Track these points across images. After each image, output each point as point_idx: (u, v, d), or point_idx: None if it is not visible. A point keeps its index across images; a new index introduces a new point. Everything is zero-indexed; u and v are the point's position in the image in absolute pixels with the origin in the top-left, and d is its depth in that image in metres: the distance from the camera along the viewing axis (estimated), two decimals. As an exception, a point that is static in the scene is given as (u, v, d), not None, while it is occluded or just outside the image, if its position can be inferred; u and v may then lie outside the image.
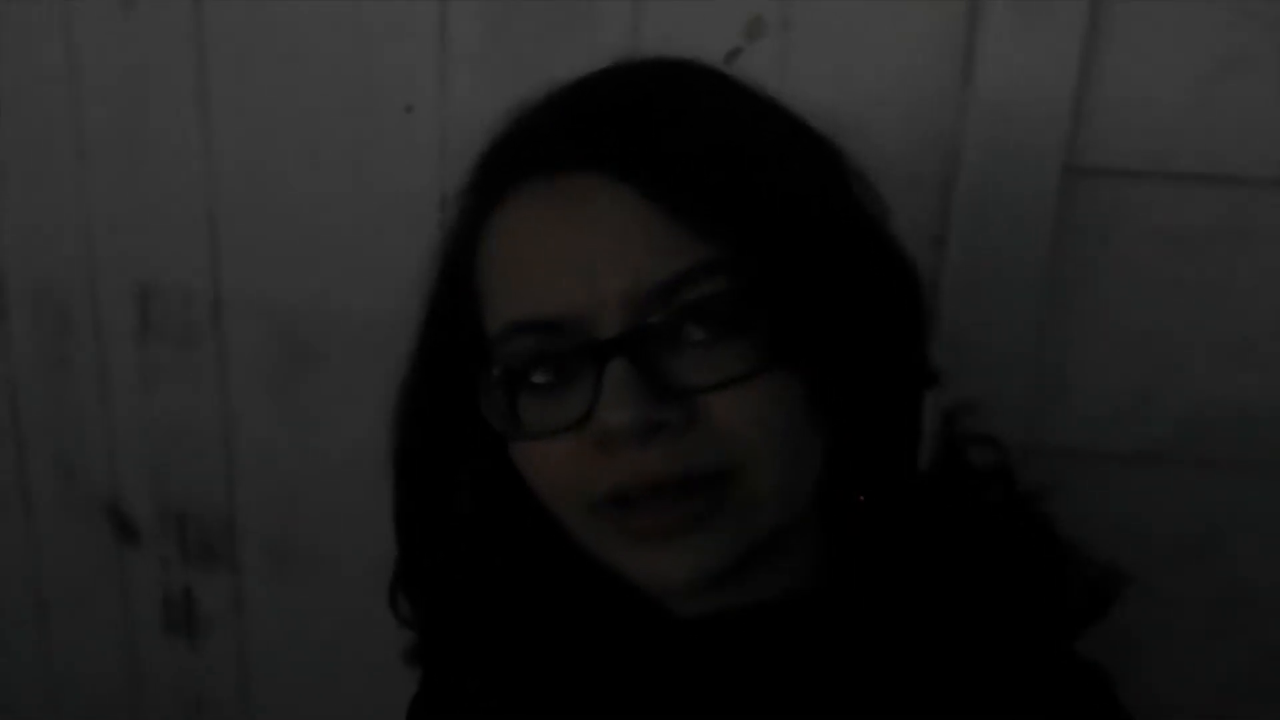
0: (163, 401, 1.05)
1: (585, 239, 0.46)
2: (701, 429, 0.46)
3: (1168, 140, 0.79)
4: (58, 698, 1.21)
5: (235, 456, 1.06)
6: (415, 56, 0.89)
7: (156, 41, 0.94)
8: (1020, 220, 0.80)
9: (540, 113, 0.51)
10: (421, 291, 0.56)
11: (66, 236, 1.02)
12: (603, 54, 0.54)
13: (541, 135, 0.50)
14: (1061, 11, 0.76)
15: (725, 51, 0.83)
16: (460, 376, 0.52)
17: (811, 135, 0.53)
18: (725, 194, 0.46)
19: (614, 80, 0.51)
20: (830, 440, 0.50)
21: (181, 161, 0.97)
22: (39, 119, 0.99)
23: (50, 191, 1.00)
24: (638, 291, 0.45)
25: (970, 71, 0.79)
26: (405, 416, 0.57)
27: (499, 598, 0.58)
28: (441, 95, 0.89)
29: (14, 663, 1.21)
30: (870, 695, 0.50)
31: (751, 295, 0.46)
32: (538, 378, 0.48)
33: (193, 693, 1.17)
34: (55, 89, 0.97)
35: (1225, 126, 0.78)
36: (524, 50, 0.86)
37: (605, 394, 0.45)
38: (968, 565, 0.52)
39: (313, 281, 0.98)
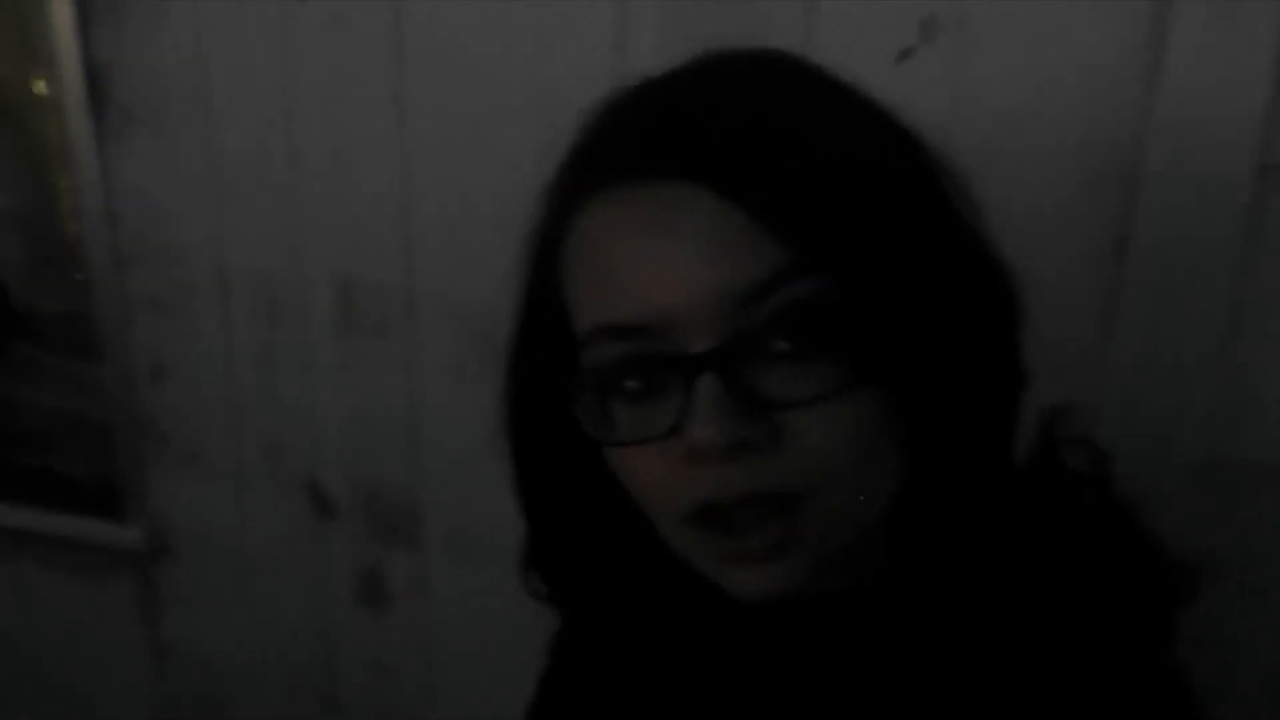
0: (359, 388, 1.13)
1: (670, 245, 0.46)
2: (786, 445, 0.46)
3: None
4: (260, 659, 1.32)
5: (422, 443, 1.13)
6: (594, 62, 0.92)
7: (359, 53, 1.01)
8: (1209, 222, 0.77)
9: (625, 114, 0.51)
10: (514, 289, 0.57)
11: (278, 235, 1.11)
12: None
13: (625, 140, 0.50)
14: (1254, 5, 0.72)
15: (900, 47, 0.82)
16: (552, 377, 0.52)
17: (901, 134, 0.51)
18: (809, 198, 0.45)
19: (699, 79, 0.50)
20: (912, 448, 0.49)
21: (380, 164, 1.04)
22: (257, 126, 1.08)
23: (266, 193, 1.10)
24: (724, 298, 0.45)
25: (1157, 69, 0.76)
26: (508, 417, 0.58)
27: (603, 578, 0.60)
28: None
29: (221, 626, 1.33)
30: (935, 687, 0.50)
31: (837, 303, 0.45)
32: (628, 385, 0.48)
33: (381, 661, 1.25)
34: (271, 99, 1.06)
35: None
36: (699, 48, 0.88)
37: (695, 409, 0.45)
38: (1048, 564, 0.51)
39: (498, 280, 1.02)
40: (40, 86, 1.15)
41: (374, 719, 1.28)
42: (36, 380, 1.28)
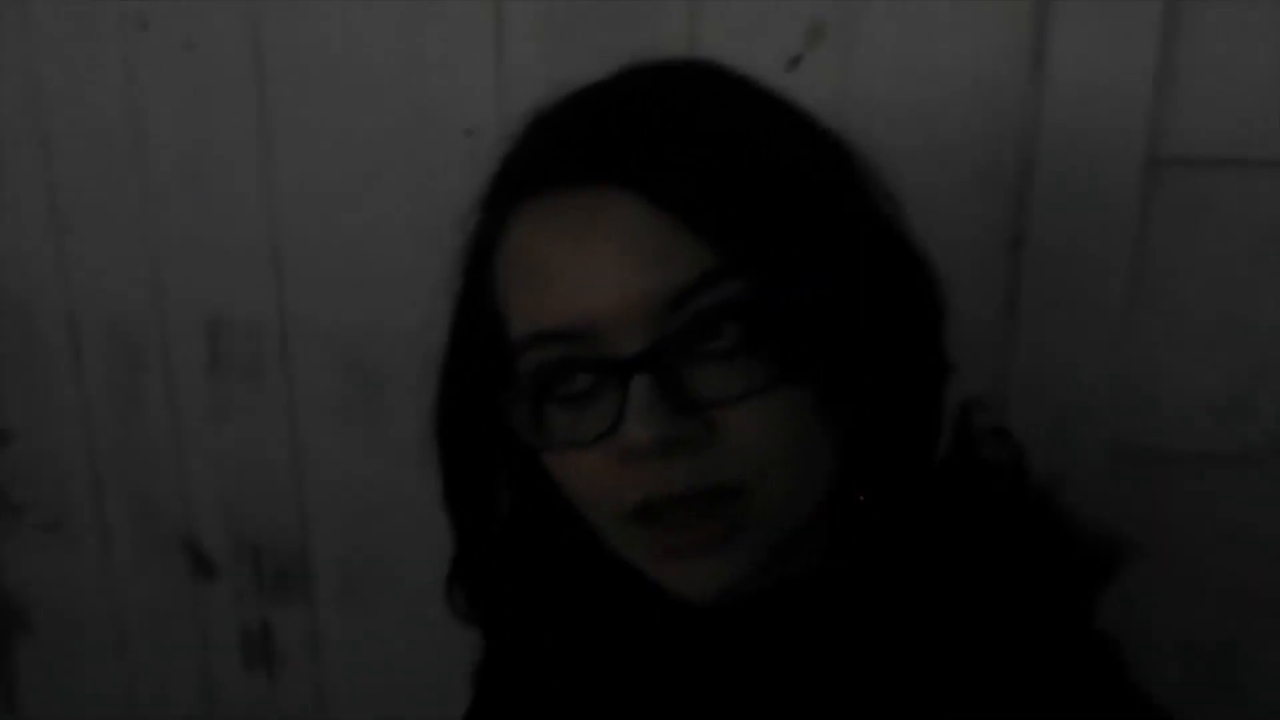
0: (234, 434, 1.06)
1: (598, 251, 0.47)
2: (720, 442, 0.47)
3: (1256, 126, 0.75)
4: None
5: (307, 486, 1.06)
6: (473, 80, 0.89)
7: (217, 79, 0.95)
8: (1102, 216, 0.78)
9: (552, 123, 0.52)
10: (445, 306, 0.57)
11: (135, 274, 1.03)
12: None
13: (552, 149, 0.51)
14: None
15: (787, 55, 0.82)
16: (486, 386, 0.53)
17: (822, 135, 0.53)
18: (735, 202, 0.46)
19: (622, 88, 0.52)
20: (843, 439, 0.50)
21: (245, 195, 0.98)
22: (104, 159, 1.00)
23: (118, 230, 1.02)
24: (653, 302, 0.46)
25: (1042, 64, 0.77)
26: (441, 426, 0.58)
27: (538, 588, 0.61)
28: (500, 117, 0.88)
29: (95, 699, 1.22)
30: (881, 670, 0.51)
31: (763, 302, 0.46)
32: (562, 390, 0.50)
33: (272, 725, 1.17)
34: (120, 130, 0.99)
35: (1318, 109, 0.74)
36: (580, 67, 0.85)
37: (629, 411, 0.46)
38: (974, 547, 0.53)
39: (376, 308, 0.98)
40: None
41: (270, 786, 1.21)
42: None
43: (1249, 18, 0.74)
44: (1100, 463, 0.83)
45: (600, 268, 0.46)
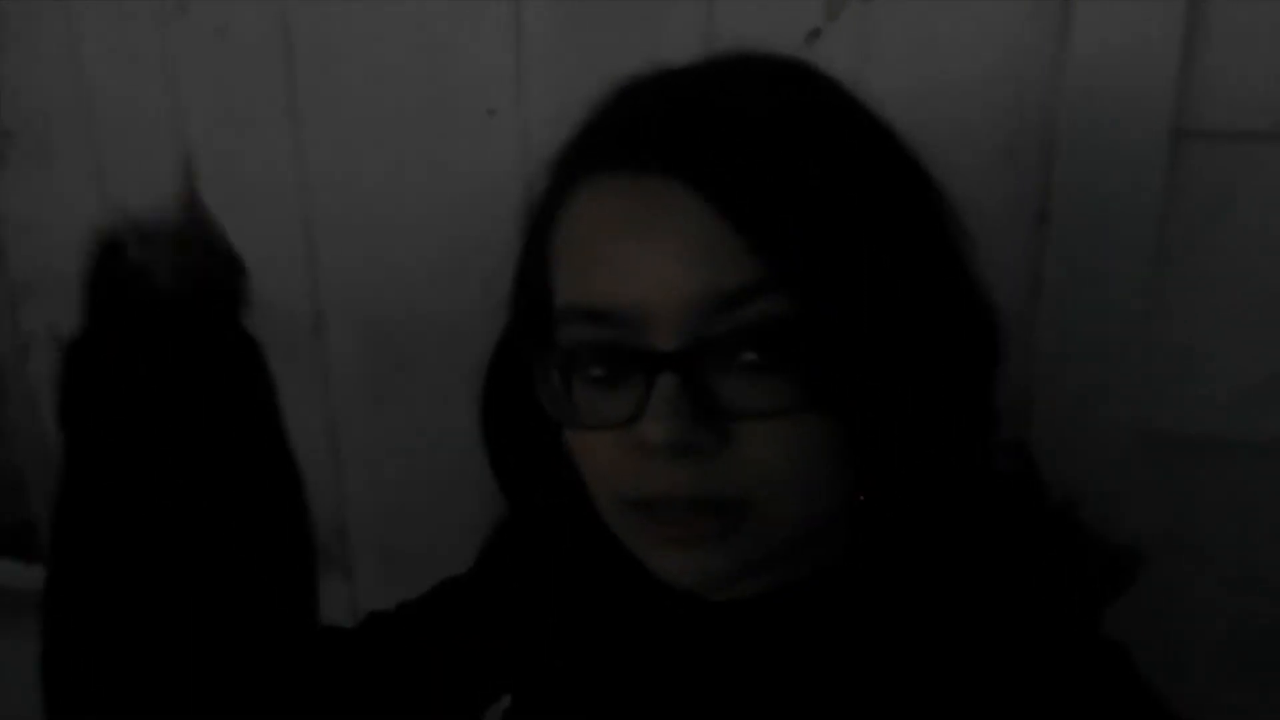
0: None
1: (651, 242, 0.46)
2: (732, 454, 0.46)
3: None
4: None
5: (343, 466, 1.08)
6: (493, 61, 0.89)
7: (248, 64, 0.97)
8: (1127, 192, 0.75)
9: (630, 103, 0.51)
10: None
11: (176, 258, 1.05)
12: (677, 45, 0.53)
13: (627, 131, 0.50)
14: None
15: (807, 26, 0.80)
16: (528, 351, 0.53)
17: (909, 166, 0.51)
18: (793, 218, 0.45)
19: (711, 80, 0.51)
20: (863, 468, 0.49)
21: (278, 178, 0.99)
22: (143, 142, 1.03)
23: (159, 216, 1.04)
24: (695, 303, 0.46)
25: (1067, 36, 0.75)
26: (489, 381, 0.59)
27: (556, 571, 0.63)
28: (520, 97, 0.89)
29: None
30: (885, 677, 0.51)
31: (809, 325, 0.45)
32: (593, 370, 0.49)
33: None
34: (158, 114, 1.01)
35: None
36: (599, 45, 0.86)
37: (651, 406, 0.46)
38: (987, 558, 0.52)
39: (406, 289, 0.99)
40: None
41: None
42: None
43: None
44: (1125, 447, 0.81)
45: (652, 259, 0.46)
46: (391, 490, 1.08)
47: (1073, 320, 0.79)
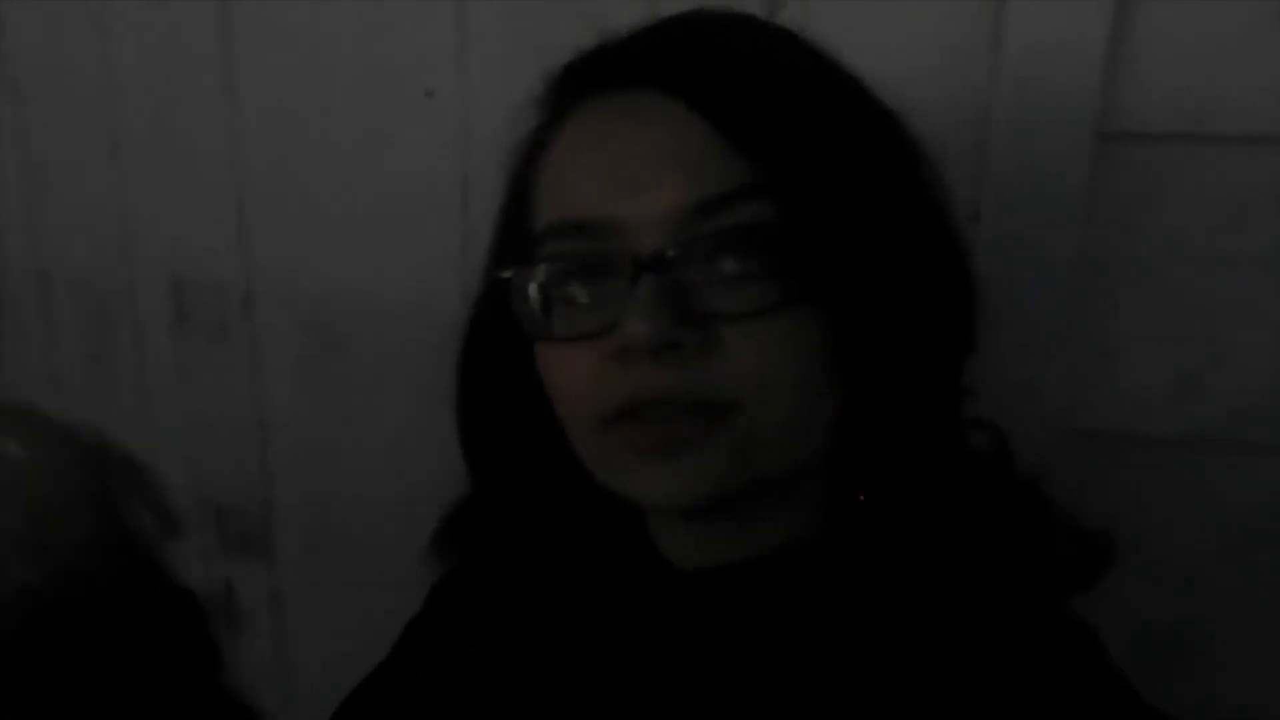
0: (198, 394, 1.07)
1: (632, 150, 0.47)
2: (716, 357, 0.46)
3: (1207, 101, 0.74)
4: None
5: (270, 447, 1.07)
6: (434, 42, 0.89)
7: (185, 36, 0.95)
8: (1053, 191, 0.77)
9: (607, 40, 0.53)
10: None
11: (104, 231, 1.03)
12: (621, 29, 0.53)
13: (604, 58, 0.52)
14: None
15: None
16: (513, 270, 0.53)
17: (884, 108, 0.53)
18: (774, 120, 0.46)
19: (683, 18, 0.52)
20: (849, 395, 0.49)
21: (211, 154, 0.98)
22: (73, 115, 1.00)
23: (87, 187, 1.02)
24: (679, 207, 0.46)
25: (1000, 37, 0.76)
26: (466, 348, 0.58)
27: (532, 541, 0.61)
28: (461, 79, 0.88)
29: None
30: (860, 649, 0.51)
31: (790, 228, 0.46)
32: (574, 291, 0.49)
33: (234, 685, 1.18)
34: (89, 85, 0.99)
35: (1270, 85, 0.73)
36: (540, 29, 0.86)
37: (633, 306, 0.46)
38: (962, 533, 0.52)
39: (340, 269, 0.98)
40: None
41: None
42: None
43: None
44: (1051, 444, 0.82)
45: (632, 167, 0.47)
46: (318, 471, 1.06)
47: (998, 317, 0.80)
